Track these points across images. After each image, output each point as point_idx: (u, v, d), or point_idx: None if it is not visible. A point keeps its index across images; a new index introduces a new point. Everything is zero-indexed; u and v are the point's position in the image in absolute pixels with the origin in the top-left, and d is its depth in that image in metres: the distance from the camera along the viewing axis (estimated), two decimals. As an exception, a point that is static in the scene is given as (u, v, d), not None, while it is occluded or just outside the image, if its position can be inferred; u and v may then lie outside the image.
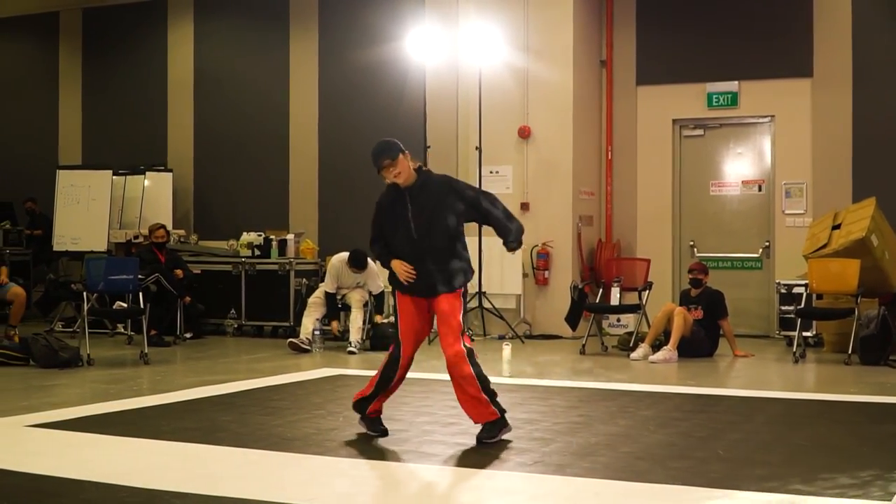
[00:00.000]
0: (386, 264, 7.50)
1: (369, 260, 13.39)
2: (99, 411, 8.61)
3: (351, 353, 13.06)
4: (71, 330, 14.82)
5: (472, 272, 7.64)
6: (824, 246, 12.99)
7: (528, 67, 15.44)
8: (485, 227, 14.65)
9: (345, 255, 13.79)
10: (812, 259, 12.94)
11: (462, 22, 15.71)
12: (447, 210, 7.33)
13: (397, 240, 7.38)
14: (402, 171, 7.27)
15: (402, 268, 7.27)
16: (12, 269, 16.26)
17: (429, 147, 15.33)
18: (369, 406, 7.43)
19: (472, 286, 14.83)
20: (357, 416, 7.50)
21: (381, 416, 7.49)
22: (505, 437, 7.17)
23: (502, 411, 7.26)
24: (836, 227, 13.20)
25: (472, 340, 7.76)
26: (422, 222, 7.28)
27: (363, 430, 7.41)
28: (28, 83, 19.94)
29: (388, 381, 7.42)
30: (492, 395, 7.26)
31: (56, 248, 17.12)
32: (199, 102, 18.25)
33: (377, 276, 13.71)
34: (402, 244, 7.35)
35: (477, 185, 15.06)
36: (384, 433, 7.34)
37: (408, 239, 7.31)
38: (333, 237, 16.11)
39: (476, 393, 7.20)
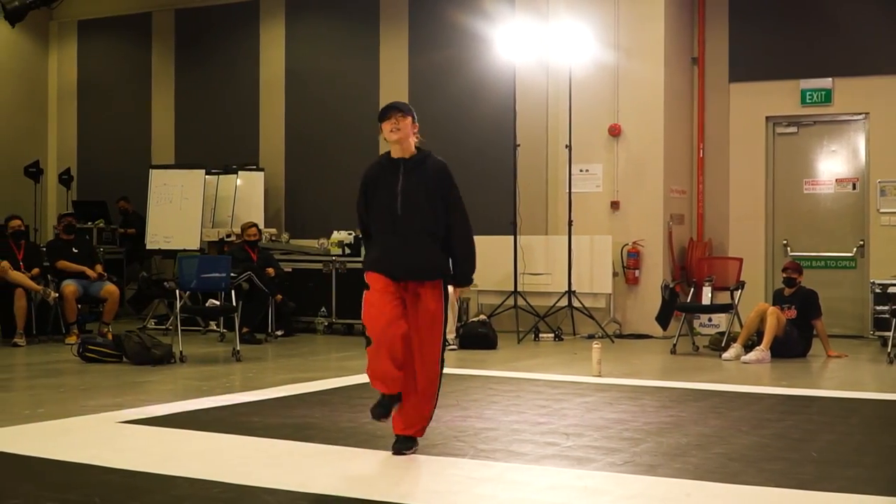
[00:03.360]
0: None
1: None
2: (191, 408, 8.70)
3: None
4: (163, 327, 14.99)
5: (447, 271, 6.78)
6: (920, 245, 12.84)
7: (619, 65, 15.38)
8: (575, 223, 14.73)
9: None
10: (908, 258, 12.78)
11: (552, 19, 15.67)
12: (437, 197, 6.66)
13: (378, 213, 6.67)
14: (404, 132, 6.64)
15: None
16: (106, 267, 16.49)
17: (518, 145, 15.31)
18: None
19: (561, 285, 14.81)
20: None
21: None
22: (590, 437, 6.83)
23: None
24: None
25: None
26: (410, 200, 6.56)
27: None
28: (121, 83, 20.19)
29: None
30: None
31: (149, 246, 17.32)
32: (290, 102, 18.37)
33: None
34: (382, 219, 6.65)
35: (568, 187, 15.06)
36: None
37: (390, 214, 6.59)
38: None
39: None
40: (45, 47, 20.74)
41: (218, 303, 13.80)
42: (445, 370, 6.64)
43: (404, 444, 6.63)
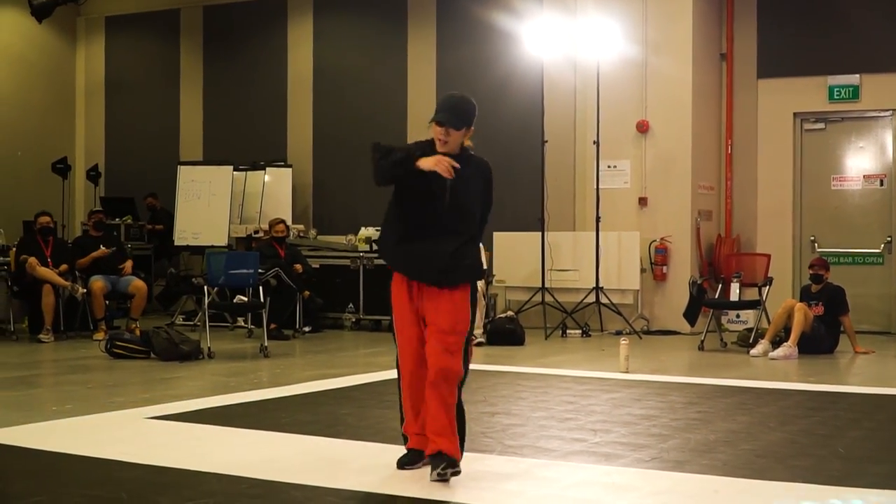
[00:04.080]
0: (401, 165, 6.05)
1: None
2: (219, 404, 8.72)
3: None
4: (191, 323, 15.05)
5: (481, 275, 6.36)
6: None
7: (647, 61, 15.36)
8: (603, 219, 14.73)
9: None
10: (936, 254, 12.74)
11: (580, 16, 15.65)
12: (478, 200, 6.23)
13: (416, 204, 6.08)
14: (450, 145, 6.10)
15: (444, 163, 5.87)
16: (134, 263, 16.54)
17: (546, 141, 15.31)
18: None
19: (588, 281, 14.81)
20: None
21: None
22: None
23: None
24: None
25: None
26: (456, 199, 6.01)
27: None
28: (149, 80, 20.25)
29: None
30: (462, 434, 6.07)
31: (177, 242, 17.38)
32: (318, 99, 18.40)
33: (481, 251, 13.70)
34: (420, 210, 6.08)
35: (596, 184, 15.04)
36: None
37: (432, 208, 6.02)
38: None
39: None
40: (73, 44, 20.82)
41: (246, 299, 13.86)
42: (472, 366, 6.55)
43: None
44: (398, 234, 6.15)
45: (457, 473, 5.80)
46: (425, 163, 5.88)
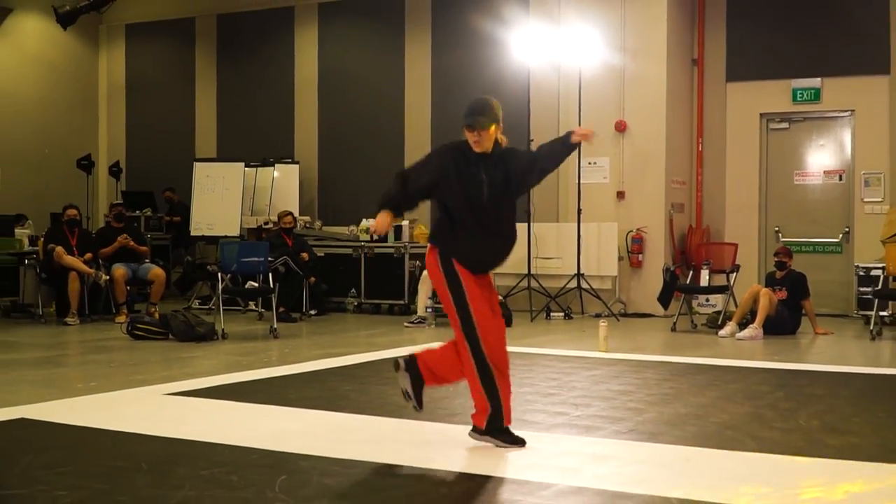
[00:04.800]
0: (406, 201, 6.11)
1: None
2: (232, 381, 8.73)
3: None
4: (206, 307, 15.04)
5: None
6: (901, 232, 12.82)
7: (625, 66, 15.36)
8: (584, 211, 14.73)
9: None
10: (889, 244, 12.73)
11: (563, 24, 15.63)
12: (512, 191, 6.22)
13: (462, 202, 5.97)
14: (484, 143, 6.07)
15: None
16: (154, 252, 16.57)
17: (532, 140, 15.27)
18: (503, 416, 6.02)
19: (570, 268, 14.84)
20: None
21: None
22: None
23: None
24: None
25: None
26: (495, 192, 6.01)
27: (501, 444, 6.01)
28: (167, 83, 20.20)
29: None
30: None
31: (193, 233, 17.36)
32: (322, 100, 18.37)
33: None
34: (469, 208, 5.97)
35: (577, 179, 15.01)
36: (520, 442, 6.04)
37: (478, 203, 5.97)
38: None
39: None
40: (95, 49, 20.77)
41: (256, 284, 13.85)
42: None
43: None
44: (458, 237, 6.00)
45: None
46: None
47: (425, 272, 14.00)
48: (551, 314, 14.76)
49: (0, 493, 4.89)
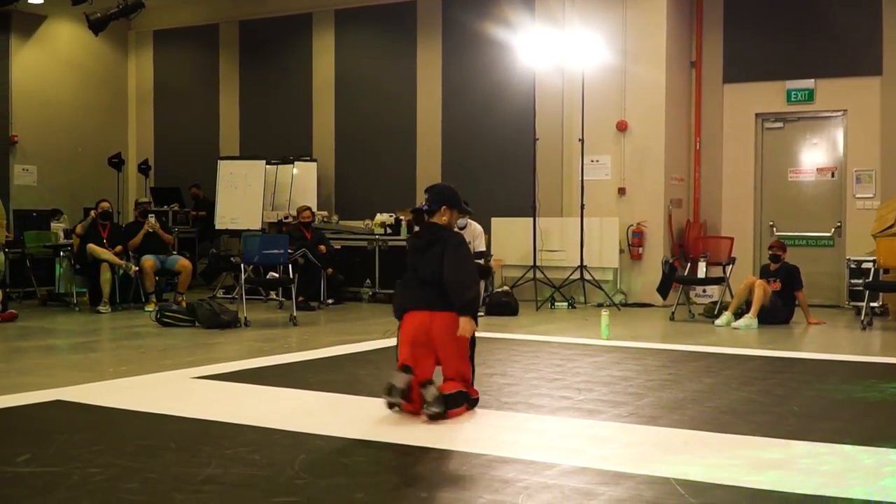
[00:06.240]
0: None
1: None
2: (254, 365, 8.76)
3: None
4: (230, 296, 15.06)
5: None
6: (891, 226, 12.75)
7: (626, 68, 15.34)
8: (587, 206, 14.74)
9: None
10: (879, 238, 12.71)
11: (567, 28, 15.63)
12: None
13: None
14: (445, 221, 6.63)
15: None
16: (180, 244, 16.64)
17: (537, 139, 15.31)
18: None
19: (574, 260, 14.84)
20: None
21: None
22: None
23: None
24: (902, 209, 12.98)
25: None
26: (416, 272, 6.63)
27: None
28: (193, 86, 20.23)
29: None
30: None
31: (218, 226, 17.39)
32: (339, 101, 18.37)
33: (482, 234, 13.78)
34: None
35: (580, 176, 15.01)
36: None
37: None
38: (454, 218, 16.15)
39: None
40: (125, 54, 20.79)
41: (277, 275, 13.88)
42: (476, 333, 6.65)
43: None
44: None
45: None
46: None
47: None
48: (556, 304, 14.75)
49: (38, 469, 4.92)
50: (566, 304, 14.75)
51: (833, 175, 15.17)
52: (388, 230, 16.03)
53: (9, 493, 4.54)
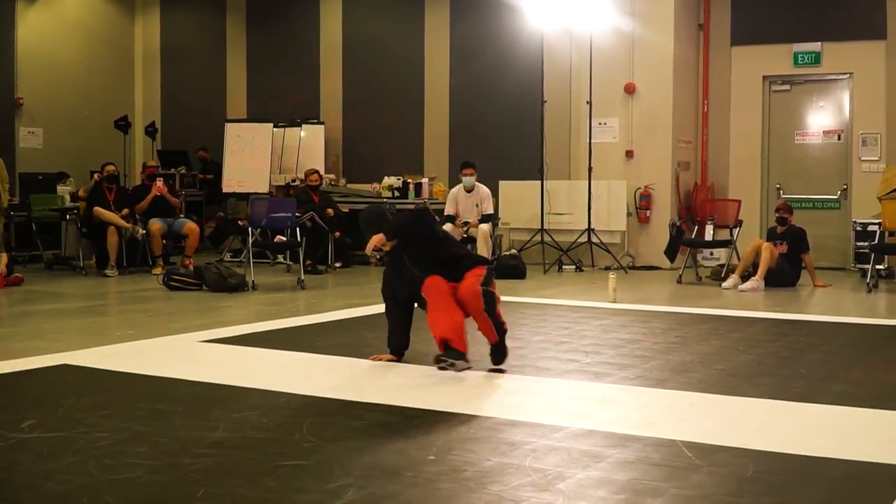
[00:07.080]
0: None
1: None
2: (262, 329, 8.76)
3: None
4: (238, 260, 15.06)
5: None
6: (896, 189, 12.75)
7: (634, 31, 15.26)
8: (594, 169, 14.69)
9: (460, 185, 13.99)
10: (885, 200, 12.65)
11: (575, -9, 15.54)
12: None
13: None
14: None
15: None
16: (188, 208, 16.60)
17: (545, 102, 15.26)
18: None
19: (581, 223, 14.82)
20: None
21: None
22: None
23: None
24: (908, 171, 12.95)
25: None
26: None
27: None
28: (200, 49, 20.15)
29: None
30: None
31: (225, 190, 17.37)
32: (346, 64, 18.30)
33: (490, 197, 13.81)
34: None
35: (588, 138, 14.96)
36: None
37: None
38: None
39: None
40: (132, 15, 20.70)
41: (284, 239, 13.86)
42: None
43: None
44: None
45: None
46: None
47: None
48: (563, 267, 14.74)
49: (43, 434, 4.92)
50: (574, 267, 14.73)
51: (839, 138, 15.12)
52: (396, 193, 16.01)
53: (14, 458, 4.54)
